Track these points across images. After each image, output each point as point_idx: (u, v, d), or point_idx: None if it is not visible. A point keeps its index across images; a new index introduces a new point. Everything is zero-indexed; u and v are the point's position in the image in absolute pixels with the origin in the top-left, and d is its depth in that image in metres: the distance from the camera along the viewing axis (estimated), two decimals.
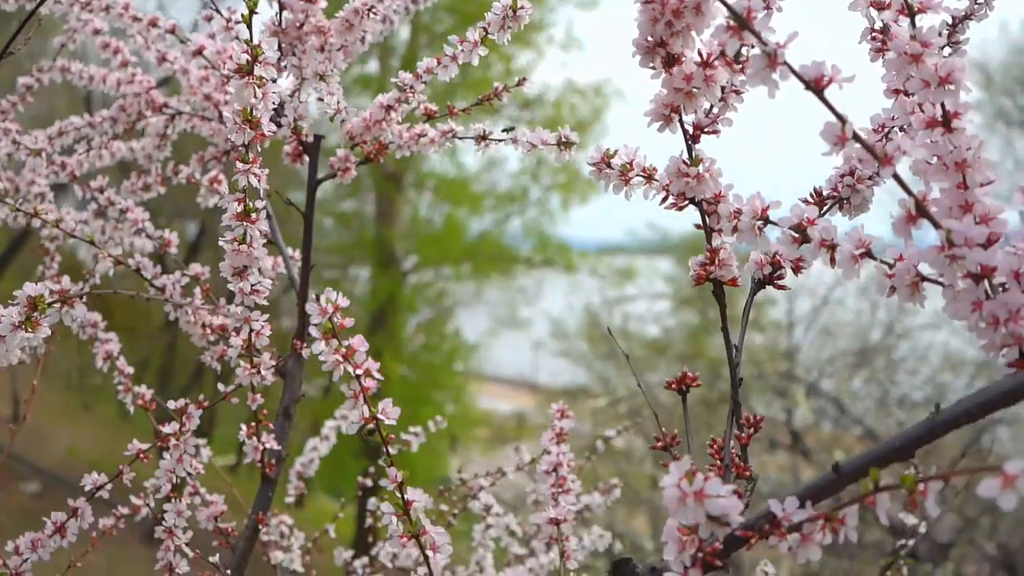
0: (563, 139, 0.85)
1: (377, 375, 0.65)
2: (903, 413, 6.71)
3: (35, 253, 1.33)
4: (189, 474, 1.03)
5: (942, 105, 0.56)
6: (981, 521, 6.29)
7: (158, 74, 1.33)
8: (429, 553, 0.67)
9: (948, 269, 0.53)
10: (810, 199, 0.71)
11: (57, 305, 0.69)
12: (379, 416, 0.65)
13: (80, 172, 1.28)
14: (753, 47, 0.52)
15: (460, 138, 1.03)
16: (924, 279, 0.57)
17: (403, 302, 11.38)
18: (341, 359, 0.64)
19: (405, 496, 0.67)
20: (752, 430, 0.66)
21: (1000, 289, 0.54)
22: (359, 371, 0.64)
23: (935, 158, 0.56)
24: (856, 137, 0.52)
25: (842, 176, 0.71)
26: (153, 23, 1.13)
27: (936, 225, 0.53)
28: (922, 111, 0.57)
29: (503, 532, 1.40)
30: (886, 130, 0.71)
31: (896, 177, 0.53)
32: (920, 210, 0.53)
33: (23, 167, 1.28)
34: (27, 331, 0.69)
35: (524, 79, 1.05)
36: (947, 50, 0.75)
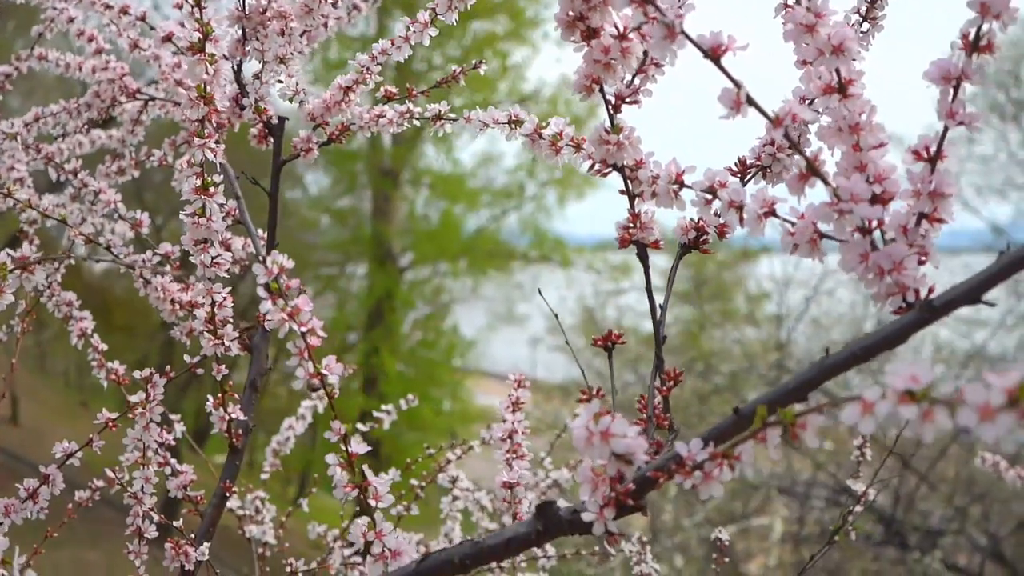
0: (513, 118, 0.89)
1: (321, 333, 0.69)
2: None
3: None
4: (159, 444, 1.07)
5: (837, 72, 0.60)
6: (971, 511, 6.34)
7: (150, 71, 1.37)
8: (372, 502, 0.71)
9: (838, 223, 0.57)
10: (734, 167, 0.75)
11: (17, 272, 0.73)
12: (323, 372, 0.69)
13: (60, 159, 1.31)
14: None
15: (418, 118, 1.06)
16: (822, 235, 0.61)
17: (400, 298, 11.42)
18: (287, 317, 0.68)
19: (349, 448, 0.71)
20: (672, 383, 0.70)
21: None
22: (304, 329, 0.68)
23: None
24: (750, 101, 0.56)
25: (764, 145, 0.75)
26: (124, 11, 1.17)
27: (826, 183, 0.57)
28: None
29: (474, 507, 1.44)
30: (807, 101, 0.75)
31: (787, 138, 0.57)
32: (812, 169, 0.57)
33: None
34: None
35: (480, 62, 1.09)
36: (865, 25, 0.79)
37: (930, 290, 0.56)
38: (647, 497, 0.62)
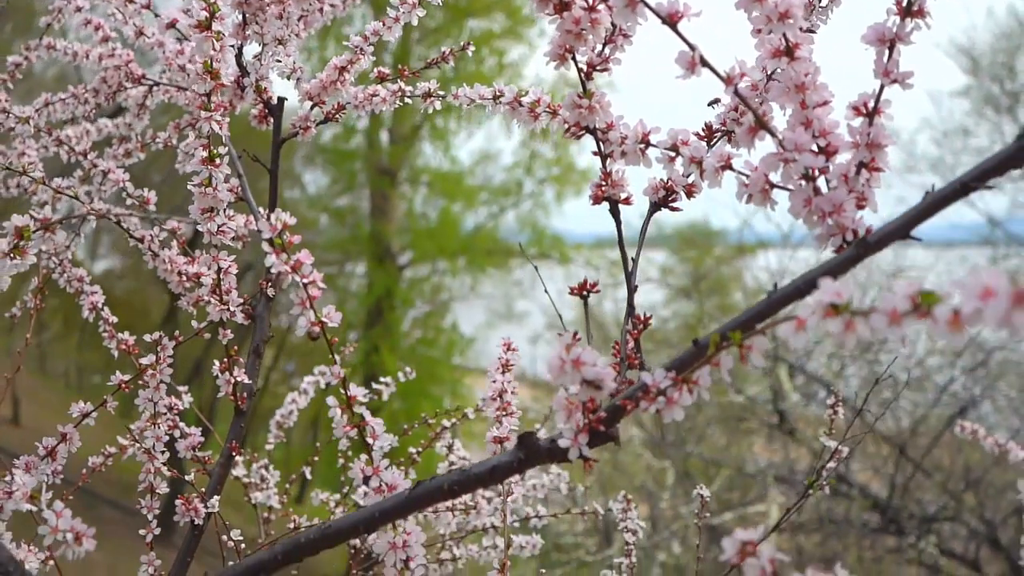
0: (496, 94, 0.95)
1: (321, 285, 0.75)
2: (889, 392, 6.83)
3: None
4: (168, 408, 1.13)
5: (784, 37, 0.66)
6: (965, 498, 6.40)
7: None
8: (370, 440, 0.77)
9: (785, 172, 0.64)
10: (701, 132, 0.81)
11: (40, 232, 0.79)
12: (324, 319, 0.76)
13: (71, 145, 1.38)
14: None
15: (410, 96, 1.12)
16: (773, 185, 0.67)
17: (399, 297, 11.48)
18: (290, 270, 0.74)
19: (348, 392, 0.77)
20: (643, 326, 0.76)
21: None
22: (306, 280, 0.74)
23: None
24: (703, 62, 0.62)
25: (729, 111, 0.81)
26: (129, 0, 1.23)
27: (773, 135, 0.63)
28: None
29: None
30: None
31: (738, 94, 0.63)
32: (760, 123, 0.63)
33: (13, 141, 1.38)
34: (14, 258, 0.79)
35: (468, 44, 1.15)
36: (825, 1, 0.85)
37: (867, 231, 0.63)
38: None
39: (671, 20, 0.62)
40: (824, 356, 6.76)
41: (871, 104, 0.64)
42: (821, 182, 0.65)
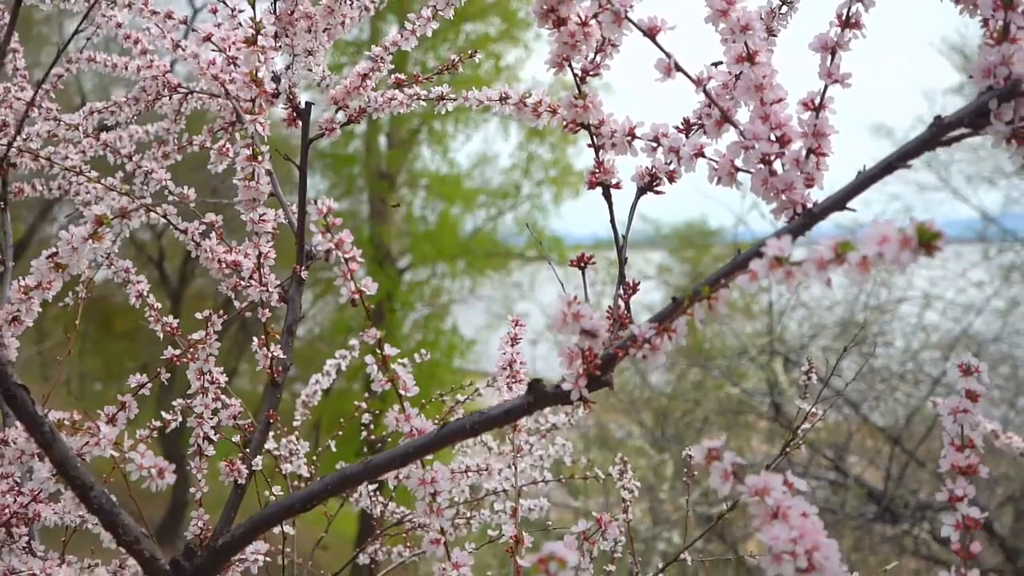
0: (503, 95, 1.08)
1: (360, 259, 0.88)
2: (883, 386, 6.98)
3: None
4: (211, 382, 1.26)
5: (746, 44, 0.79)
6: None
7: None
8: (402, 392, 0.91)
9: (746, 157, 0.77)
10: (680, 125, 0.95)
11: (118, 219, 0.92)
12: (362, 288, 0.89)
13: (117, 148, 1.51)
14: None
15: (424, 99, 1.26)
16: (738, 169, 0.80)
17: (399, 300, 11.60)
18: (334, 247, 0.87)
19: (384, 351, 0.91)
20: (632, 291, 0.89)
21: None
22: (347, 256, 0.88)
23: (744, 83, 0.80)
24: (678, 67, 0.76)
25: (703, 107, 0.94)
26: (168, 16, 1.37)
27: (736, 127, 0.77)
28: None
29: (481, 447, 1.64)
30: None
31: (706, 93, 0.76)
32: (724, 117, 0.77)
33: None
34: (94, 242, 0.93)
35: (475, 51, 1.29)
36: (784, 8, 0.98)
37: (814, 204, 0.76)
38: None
39: (651, 33, 0.76)
40: (818, 350, 6.90)
41: (817, 101, 0.78)
42: (777, 165, 0.78)
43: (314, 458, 1.63)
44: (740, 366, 7.23)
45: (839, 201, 0.73)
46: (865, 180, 0.72)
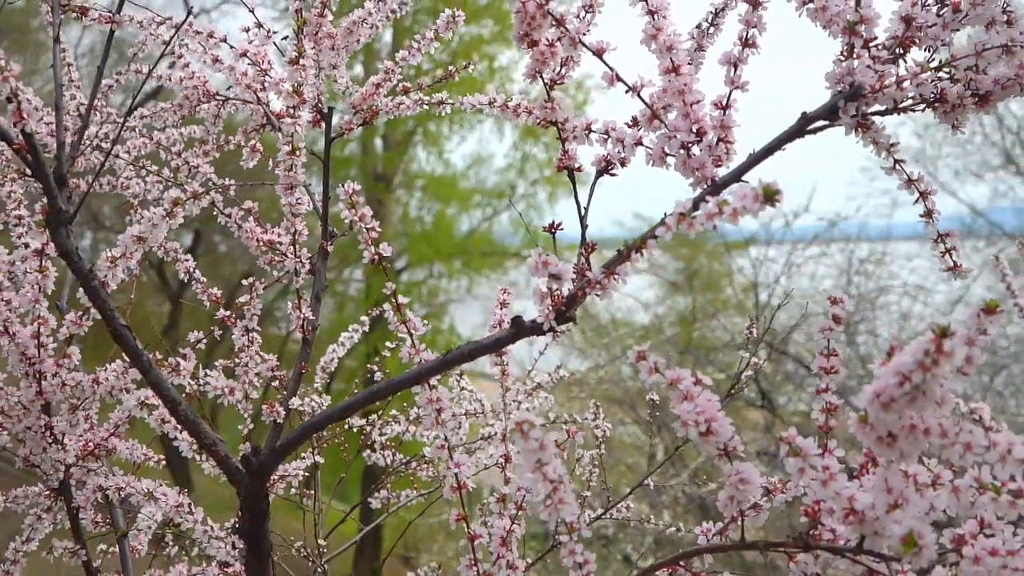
0: (492, 100, 1.34)
1: (378, 228, 1.14)
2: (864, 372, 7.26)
3: None
4: (251, 341, 1.52)
5: (671, 59, 1.05)
6: None
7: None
8: (412, 331, 1.17)
9: (668, 144, 1.03)
10: (630, 122, 1.21)
11: (191, 200, 1.18)
12: (380, 252, 1.15)
13: (168, 146, 1.77)
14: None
15: (428, 104, 1.52)
16: (666, 154, 1.06)
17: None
18: (358, 220, 1.13)
19: (398, 301, 1.17)
20: (591, 249, 1.16)
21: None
22: (368, 226, 1.14)
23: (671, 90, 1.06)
24: (618, 78, 1.02)
25: (644, 108, 1.20)
26: (210, 35, 1.62)
27: (662, 122, 1.03)
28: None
29: (479, 406, 1.90)
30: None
31: (640, 98, 1.03)
32: (654, 115, 1.03)
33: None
34: (170, 219, 1.19)
35: (468, 63, 1.55)
36: (712, 29, 1.24)
37: (720, 178, 1.02)
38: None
39: (598, 52, 1.02)
40: (804, 338, 7.17)
41: (724, 102, 1.04)
42: (696, 150, 1.04)
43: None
44: (728, 357, 7.51)
45: (733, 177, 0.99)
46: (751, 161, 0.98)
